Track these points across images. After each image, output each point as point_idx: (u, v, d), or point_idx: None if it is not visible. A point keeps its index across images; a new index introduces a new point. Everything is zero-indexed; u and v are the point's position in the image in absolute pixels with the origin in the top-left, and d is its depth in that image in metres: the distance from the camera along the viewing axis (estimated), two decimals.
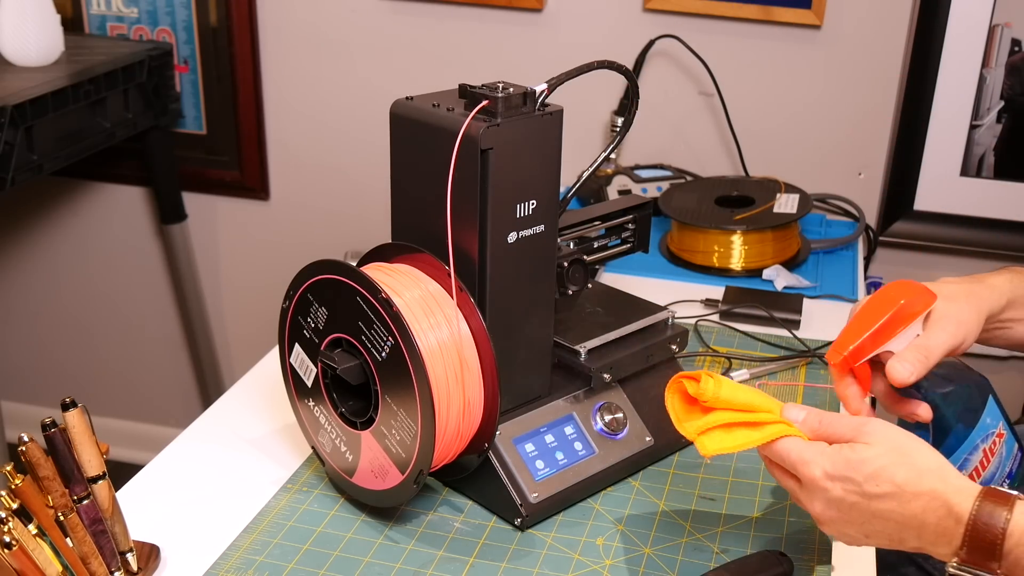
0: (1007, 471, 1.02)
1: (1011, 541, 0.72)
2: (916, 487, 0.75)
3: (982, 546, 0.73)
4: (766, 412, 0.83)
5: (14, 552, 0.70)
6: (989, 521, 0.72)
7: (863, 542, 0.80)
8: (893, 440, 0.77)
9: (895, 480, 0.75)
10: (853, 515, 0.77)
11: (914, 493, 0.75)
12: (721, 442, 0.83)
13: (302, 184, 2.08)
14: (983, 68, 1.66)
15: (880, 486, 0.75)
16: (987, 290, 0.95)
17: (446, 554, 0.90)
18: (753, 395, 0.84)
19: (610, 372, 1.01)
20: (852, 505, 0.77)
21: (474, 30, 1.86)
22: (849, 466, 0.77)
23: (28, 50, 1.75)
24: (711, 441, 0.84)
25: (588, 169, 1.00)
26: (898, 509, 0.75)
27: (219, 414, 1.12)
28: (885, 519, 0.76)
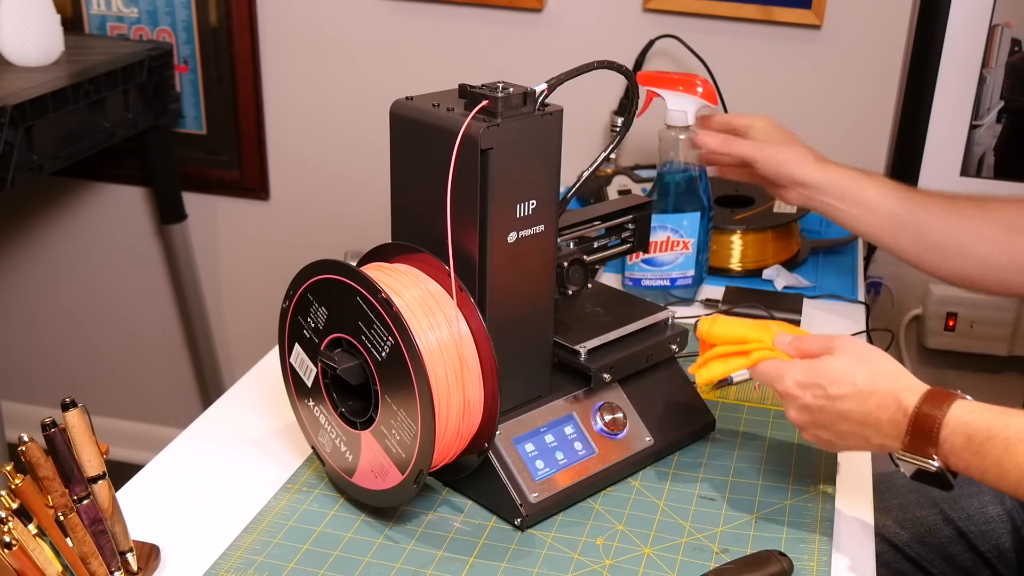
0: None
1: (946, 430, 0.82)
2: (872, 387, 0.86)
3: (921, 434, 0.83)
4: (757, 342, 0.94)
5: (14, 552, 0.70)
6: (929, 412, 0.82)
7: (838, 444, 0.90)
8: (856, 350, 0.89)
9: (855, 382, 0.87)
10: (823, 418, 0.89)
11: (870, 392, 0.86)
12: (713, 371, 0.97)
13: (302, 184, 2.08)
14: (983, 68, 1.66)
15: (841, 388, 0.87)
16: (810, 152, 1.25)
17: (446, 554, 0.90)
18: (747, 329, 0.96)
19: (610, 372, 1.01)
20: (820, 408, 0.88)
21: (474, 30, 1.86)
22: (816, 374, 0.88)
23: (28, 50, 1.75)
24: (706, 371, 0.97)
25: (588, 169, 1.00)
26: (858, 408, 0.86)
27: (219, 414, 1.12)
28: (848, 419, 0.87)
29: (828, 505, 0.97)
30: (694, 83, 1.32)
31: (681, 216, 1.34)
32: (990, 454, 0.80)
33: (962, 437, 0.81)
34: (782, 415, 1.12)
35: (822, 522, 0.95)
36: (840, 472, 1.03)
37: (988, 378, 1.86)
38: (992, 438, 0.80)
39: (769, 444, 1.07)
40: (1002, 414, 0.81)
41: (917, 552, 1.17)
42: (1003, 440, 0.79)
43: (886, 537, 1.16)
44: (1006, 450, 0.79)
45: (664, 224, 1.34)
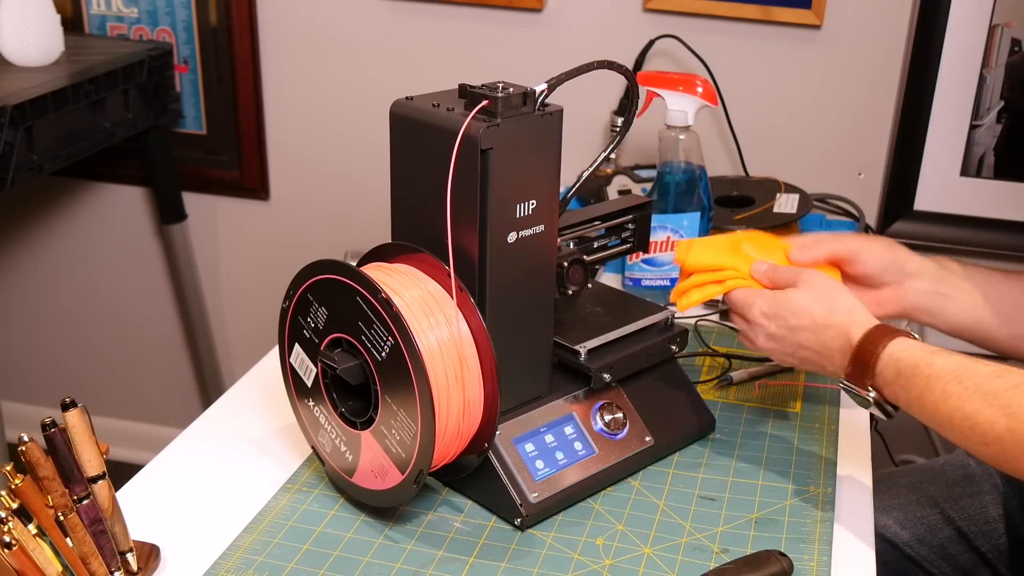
0: None
1: (880, 364, 0.89)
2: (827, 320, 0.94)
3: (860, 365, 0.90)
4: (732, 270, 1.02)
5: (14, 552, 0.70)
6: (868, 346, 0.90)
7: (800, 366, 0.98)
8: (820, 285, 0.96)
9: (812, 315, 0.94)
10: (785, 346, 0.97)
11: (825, 325, 0.94)
12: (691, 298, 1.04)
13: (302, 184, 2.08)
14: (983, 68, 1.66)
15: (800, 320, 0.95)
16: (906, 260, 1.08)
17: (446, 554, 0.90)
18: (723, 256, 1.03)
19: (610, 372, 1.01)
20: (782, 337, 0.96)
21: (474, 30, 1.86)
22: (780, 305, 0.96)
23: (28, 50, 1.75)
24: (685, 299, 1.05)
25: (588, 169, 1.00)
26: (814, 338, 0.94)
27: (219, 414, 1.12)
28: (807, 347, 0.95)
29: (828, 505, 0.97)
30: (694, 83, 1.32)
31: (681, 216, 1.34)
32: (913, 388, 0.86)
33: (892, 370, 0.88)
34: (782, 415, 1.13)
35: (822, 522, 0.95)
36: (840, 472, 1.03)
37: None
38: (917, 374, 0.86)
39: (769, 444, 1.07)
40: (931, 353, 0.87)
41: (917, 552, 1.17)
42: (925, 377, 0.86)
43: (886, 537, 1.16)
44: (927, 386, 0.85)
45: (664, 224, 1.34)
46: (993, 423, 0.81)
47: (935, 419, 0.85)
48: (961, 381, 0.84)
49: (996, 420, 0.80)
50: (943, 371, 0.85)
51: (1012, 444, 0.80)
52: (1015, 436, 0.79)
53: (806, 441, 1.08)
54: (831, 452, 1.06)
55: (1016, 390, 0.81)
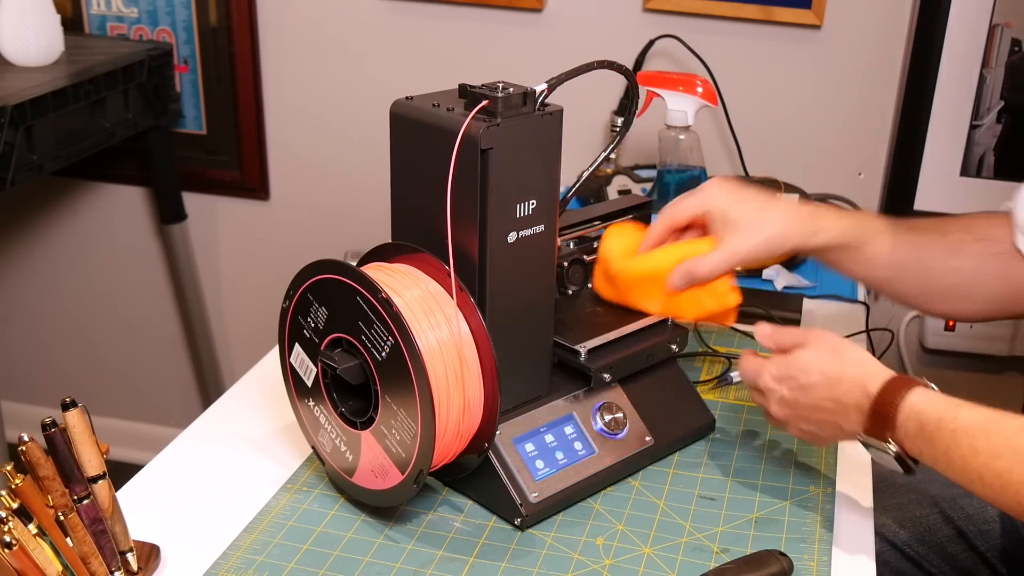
0: None
1: (901, 416, 0.85)
2: (840, 374, 0.89)
3: (880, 419, 0.86)
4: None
5: (14, 552, 0.70)
6: (888, 398, 0.85)
7: (819, 435, 0.93)
8: (825, 341, 0.92)
9: (823, 369, 0.90)
10: (799, 410, 0.92)
11: (838, 379, 0.89)
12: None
13: (302, 184, 2.08)
14: (983, 68, 1.66)
15: (811, 377, 0.90)
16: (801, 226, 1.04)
17: (446, 554, 0.90)
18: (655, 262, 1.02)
19: (610, 372, 1.01)
20: (795, 400, 0.91)
21: (474, 30, 1.86)
22: (789, 366, 0.92)
23: (28, 50, 1.75)
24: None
25: (588, 169, 1.00)
26: (827, 395, 0.89)
27: (219, 414, 1.12)
28: (822, 408, 0.90)
29: (828, 505, 0.97)
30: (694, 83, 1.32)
31: None
32: (939, 443, 0.83)
33: (915, 424, 0.84)
34: None
35: (822, 522, 0.95)
36: (840, 472, 1.03)
37: (988, 378, 1.86)
38: (941, 428, 0.83)
39: (769, 444, 1.07)
40: (955, 406, 0.83)
41: (917, 551, 1.17)
42: (951, 431, 0.82)
43: (886, 536, 1.16)
44: (953, 440, 0.82)
45: None
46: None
47: (964, 476, 0.82)
48: (989, 436, 0.81)
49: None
50: (969, 425, 0.82)
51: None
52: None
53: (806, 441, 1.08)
54: (831, 452, 1.06)
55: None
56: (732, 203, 1.02)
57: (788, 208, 1.04)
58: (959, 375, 1.87)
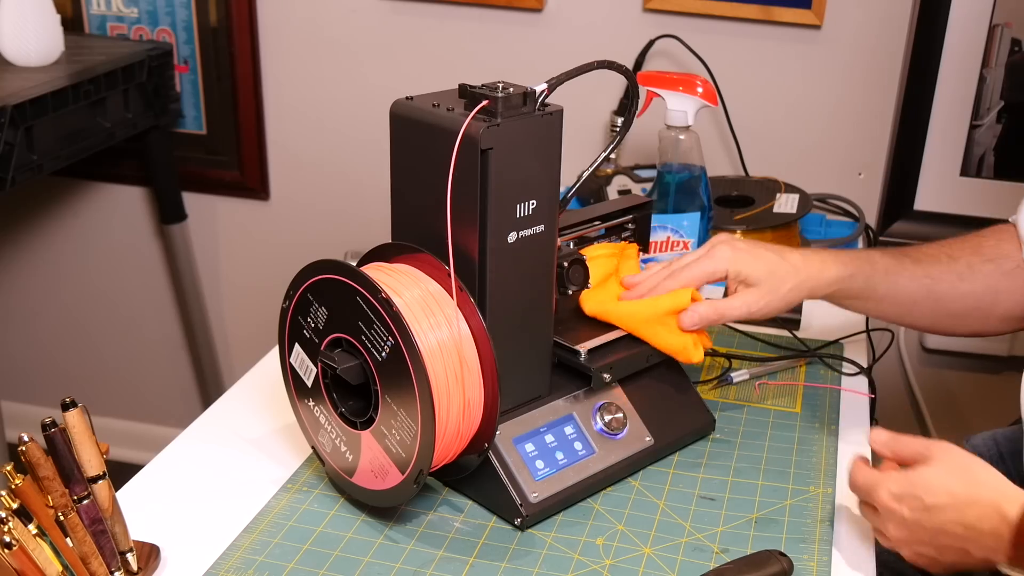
0: None
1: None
2: (970, 496, 0.82)
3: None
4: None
5: (14, 552, 0.70)
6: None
7: (940, 560, 0.86)
8: (954, 459, 0.85)
9: (952, 491, 0.82)
10: (920, 533, 0.84)
11: (968, 502, 0.82)
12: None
13: (302, 184, 2.08)
14: (983, 68, 1.66)
15: (938, 498, 0.83)
16: (812, 279, 1.05)
17: (446, 554, 0.90)
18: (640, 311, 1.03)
19: (610, 372, 1.01)
20: (917, 521, 0.84)
21: (474, 30, 1.86)
22: (912, 484, 0.84)
23: (28, 50, 1.75)
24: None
25: (588, 169, 1.00)
26: (956, 519, 0.82)
27: (219, 414, 1.12)
28: (947, 532, 0.83)
29: (828, 505, 0.97)
30: (694, 83, 1.32)
31: (681, 216, 1.34)
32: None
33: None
34: (782, 415, 1.13)
35: (822, 522, 0.95)
36: (840, 472, 1.03)
37: (988, 378, 1.86)
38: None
39: (769, 444, 1.07)
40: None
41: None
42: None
43: None
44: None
45: (664, 224, 1.34)
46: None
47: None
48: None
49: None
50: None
51: None
52: None
53: (806, 441, 1.08)
54: (831, 452, 1.06)
55: None
56: (745, 264, 1.03)
57: (798, 263, 1.05)
58: (959, 375, 1.87)
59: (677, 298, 1.03)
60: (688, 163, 1.34)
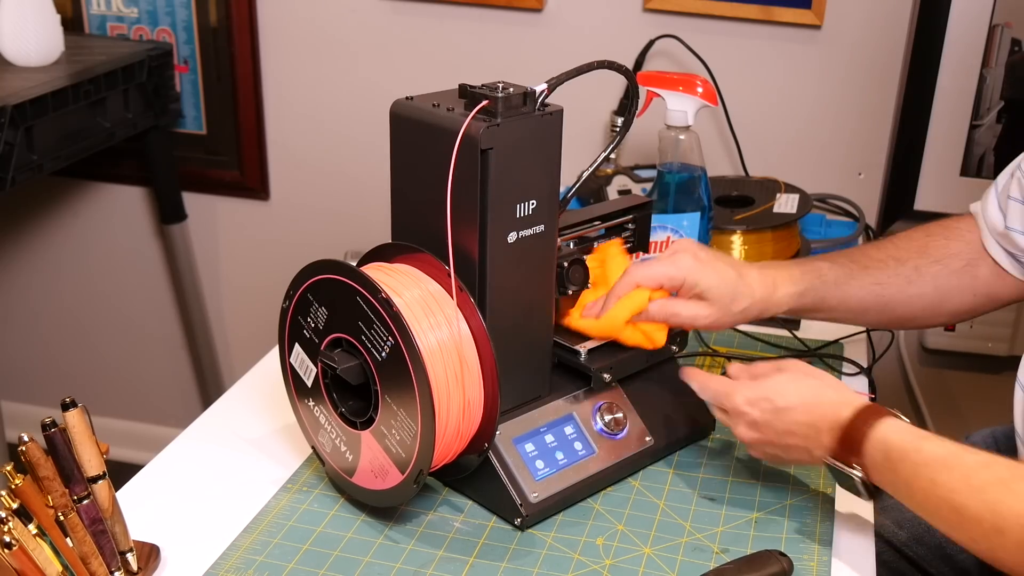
0: None
1: (868, 445, 0.86)
2: (816, 399, 0.91)
3: (849, 443, 0.88)
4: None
5: (14, 552, 0.70)
6: (857, 425, 0.87)
7: (784, 458, 0.94)
8: (803, 368, 0.95)
9: (800, 394, 0.92)
10: (770, 433, 0.93)
11: (814, 404, 0.91)
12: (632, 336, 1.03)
13: (302, 184, 2.08)
14: (983, 68, 1.66)
15: (788, 400, 0.91)
16: (763, 301, 1.06)
17: (446, 554, 0.90)
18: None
19: (610, 372, 1.01)
20: (767, 422, 0.92)
21: (474, 30, 1.86)
22: (764, 389, 0.93)
23: (28, 50, 1.75)
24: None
25: (588, 169, 1.00)
26: (802, 420, 0.91)
27: (219, 414, 1.12)
28: (793, 432, 0.91)
29: (828, 505, 0.97)
30: (694, 83, 1.32)
31: (681, 216, 1.33)
32: (901, 473, 0.85)
33: (881, 453, 0.86)
34: None
35: (822, 522, 0.95)
36: None
37: (988, 378, 1.85)
38: (904, 459, 0.84)
39: None
40: (920, 438, 0.85)
41: (915, 552, 1.17)
42: (913, 464, 0.84)
43: (884, 537, 1.16)
44: (915, 472, 0.84)
45: (664, 224, 1.34)
46: (980, 520, 0.79)
47: (924, 508, 0.84)
48: (949, 471, 0.82)
49: (983, 517, 0.79)
50: (931, 459, 0.83)
51: (998, 544, 0.78)
52: (1002, 537, 0.78)
53: None
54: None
55: (1002, 486, 0.79)
56: (703, 276, 1.02)
57: (754, 284, 1.05)
58: (959, 375, 1.87)
59: (634, 301, 1.01)
60: (688, 163, 1.34)
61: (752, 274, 1.06)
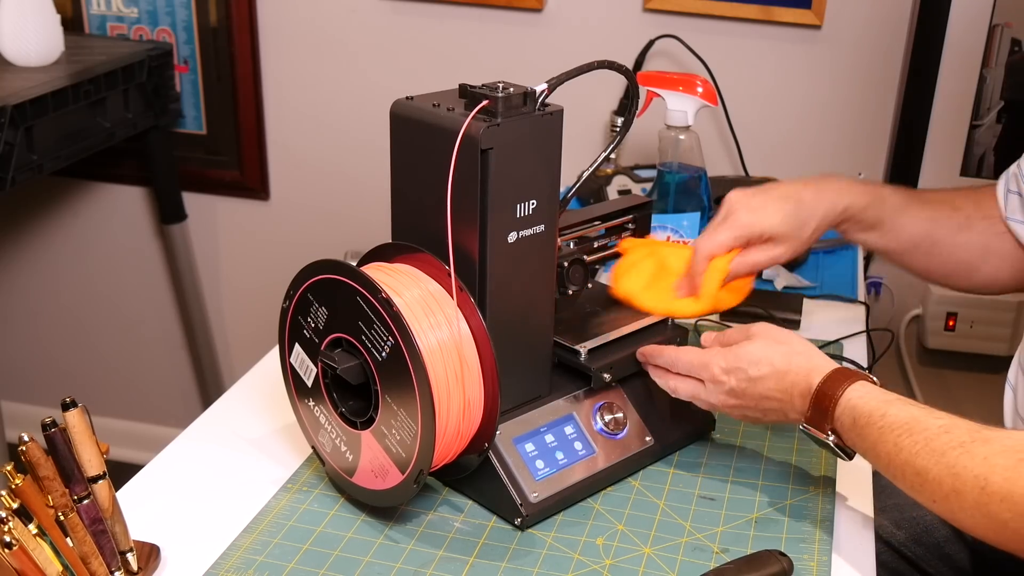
0: None
1: (838, 409, 0.89)
2: (788, 365, 0.93)
3: (819, 410, 0.90)
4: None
5: (14, 552, 0.70)
6: (827, 391, 0.90)
7: (763, 418, 0.97)
8: (773, 334, 0.96)
9: (772, 362, 0.94)
10: (747, 400, 0.95)
11: (786, 370, 0.93)
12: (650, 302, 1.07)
13: (302, 184, 2.08)
14: (983, 68, 1.66)
15: (761, 369, 0.94)
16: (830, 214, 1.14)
17: (446, 554, 0.90)
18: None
19: (610, 372, 1.01)
20: (743, 391, 0.95)
21: (474, 30, 1.86)
22: (738, 359, 0.95)
23: (28, 50, 1.75)
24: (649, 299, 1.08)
25: (588, 169, 1.00)
26: (776, 386, 0.93)
27: (219, 414, 1.12)
28: (769, 398, 0.94)
29: (828, 505, 0.97)
30: (694, 83, 1.32)
31: (681, 216, 1.34)
32: (868, 438, 0.87)
33: (849, 418, 0.88)
34: None
35: (822, 522, 0.95)
36: (840, 472, 1.03)
37: (988, 378, 1.86)
38: (871, 424, 0.87)
39: (769, 444, 1.07)
40: (885, 403, 0.87)
41: (914, 552, 1.17)
42: (879, 428, 0.86)
43: (883, 537, 1.16)
44: (880, 437, 0.86)
45: (664, 224, 1.34)
46: (940, 482, 0.81)
47: (888, 470, 0.86)
48: (912, 435, 0.84)
49: (943, 479, 0.81)
50: (896, 423, 0.85)
51: (957, 505, 0.80)
52: (960, 498, 0.80)
53: (806, 441, 1.08)
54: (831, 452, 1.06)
55: (961, 449, 0.81)
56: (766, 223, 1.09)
57: (812, 202, 1.12)
58: (959, 375, 1.87)
59: (718, 270, 1.07)
60: (688, 163, 1.34)
61: (808, 196, 1.12)
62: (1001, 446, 0.79)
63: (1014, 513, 0.77)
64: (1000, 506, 0.77)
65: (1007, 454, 0.78)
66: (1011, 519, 0.77)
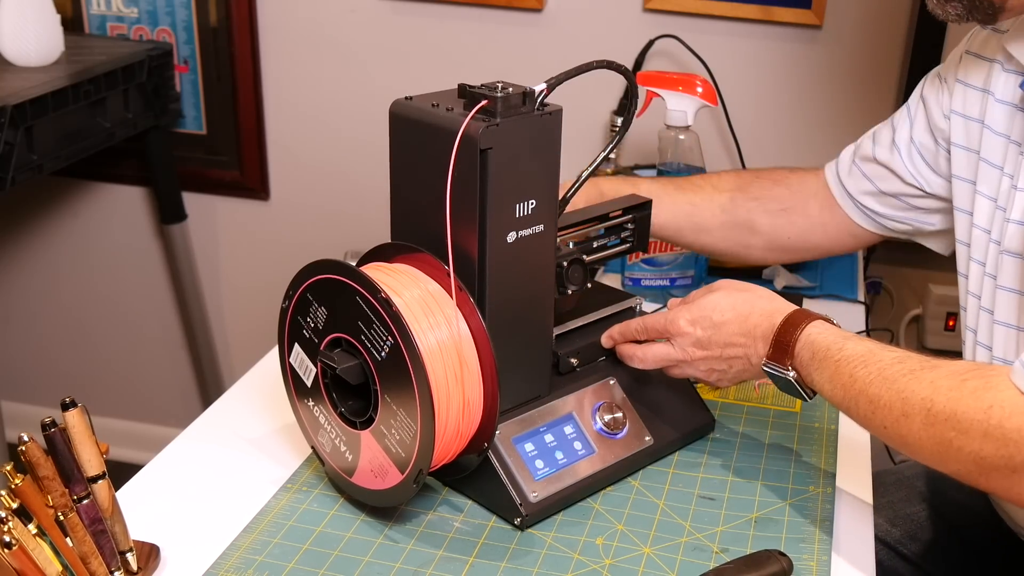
0: None
1: (799, 345, 0.92)
2: (750, 308, 0.97)
3: (780, 346, 0.93)
4: None
5: (14, 552, 0.70)
6: (788, 328, 0.93)
7: (728, 375, 0.99)
8: (735, 284, 1.00)
9: (735, 306, 0.97)
10: (714, 348, 0.98)
11: (748, 313, 0.96)
12: None
13: (302, 184, 2.08)
14: None
15: (724, 314, 0.97)
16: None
17: (446, 554, 0.90)
18: None
19: (577, 357, 1.01)
20: (709, 338, 0.97)
21: (474, 30, 1.86)
22: (702, 308, 0.98)
23: (28, 50, 1.75)
24: None
25: (588, 169, 1.01)
26: (739, 330, 0.96)
27: (219, 414, 1.12)
28: (733, 344, 0.97)
29: (828, 505, 0.97)
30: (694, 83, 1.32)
31: None
32: (825, 371, 0.90)
33: (808, 353, 0.92)
34: (782, 415, 1.13)
35: (822, 522, 0.95)
36: (840, 472, 1.03)
37: None
38: (828, 358, 0.90)
39: (769, 444, 1.07)
40: (843, 338, 0.91)
41: (910, 550, 1.17)
42: (835, 361, 0.89)
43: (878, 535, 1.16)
44: (836, 369, 0.89)
45: None
46: (891, 407, 0.84)
47: (843, 402, 0.89)
48: (867, 366, 0.87)
49: (893, 404, 0.84)
50: (852, 356, 0.88)
51: (906, 429, 0.83)
52: (909, 421, 0.83)
53: (806, 441, 1.08)
54: (831, 452, 1.06)
55: (911, 376, 0.84)
56: None
57: (581, 200, 1.15)
58: None
59: None
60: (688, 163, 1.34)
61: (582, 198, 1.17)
62: (947, 371, 0.83)
63: (958, 431, 0.80)
64: (944, 425, 0.80)
65: (951, 377, 0.82)
66: (955, 437, 0.80)
